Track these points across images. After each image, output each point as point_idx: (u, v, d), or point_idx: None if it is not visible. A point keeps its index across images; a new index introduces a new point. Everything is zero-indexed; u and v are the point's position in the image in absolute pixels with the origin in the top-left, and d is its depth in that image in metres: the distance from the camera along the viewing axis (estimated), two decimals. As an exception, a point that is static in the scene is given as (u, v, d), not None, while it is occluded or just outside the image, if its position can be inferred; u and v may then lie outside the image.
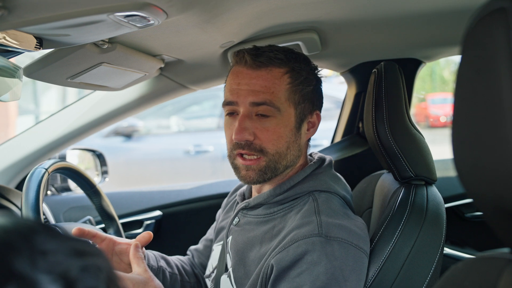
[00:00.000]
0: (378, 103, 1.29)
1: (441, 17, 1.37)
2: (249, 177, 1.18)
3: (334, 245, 1.05)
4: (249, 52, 1.17)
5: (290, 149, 1.18)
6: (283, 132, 1.17)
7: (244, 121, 1.15)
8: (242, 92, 1.16)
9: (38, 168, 1.35)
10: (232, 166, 1.22)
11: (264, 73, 1.16)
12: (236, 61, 1.20)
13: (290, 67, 1.18)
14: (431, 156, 1.32)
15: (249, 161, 1.17)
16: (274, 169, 1.18)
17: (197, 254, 1.52)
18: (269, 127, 1.15)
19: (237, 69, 1.19)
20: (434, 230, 1.18)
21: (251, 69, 1.17)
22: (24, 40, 0.97)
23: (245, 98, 1.15)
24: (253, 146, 1.16)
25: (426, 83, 16.18)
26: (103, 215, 1.61)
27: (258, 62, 1.16)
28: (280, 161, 1.18)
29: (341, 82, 2.16)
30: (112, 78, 1.45)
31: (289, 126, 1.18)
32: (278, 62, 1.16)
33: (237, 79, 1.18)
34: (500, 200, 0.51)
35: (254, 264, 1.15)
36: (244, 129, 1.14)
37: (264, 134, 1.15)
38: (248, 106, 1.15)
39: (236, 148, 1.17)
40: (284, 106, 1.16)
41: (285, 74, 1.17)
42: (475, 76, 0.51)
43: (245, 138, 1.14)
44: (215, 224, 1.50)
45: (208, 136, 5.80)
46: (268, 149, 1.16)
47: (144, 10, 0.89)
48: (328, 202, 1.16)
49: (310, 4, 1.21)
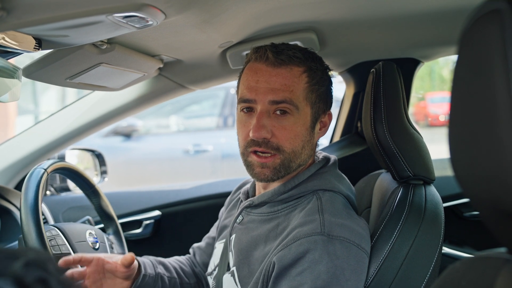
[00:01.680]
0: (376, 102, 1.30)
1: (439, 17, 1.38)
2: (264, 174, 1.17)
3: (336, 244, 1.05)
4: (270, 49, 1.16)
5: (305, 148, 1.19)
6: (299, 131, 1.17)
7: (262, 119, 1.14)
8: (261, 90, 1.15)
9: (37, 169, 1.36)
10: (245, 163, 1.21)
11: (284, 71, 1.15)
12: (256, 58, 1.18)
13: (308, 66, 1.18)
14: (429, 155, 1.32)
15: (264, 158, 1.16)
16: (288, 167, 1.18)
17: (199, 251, 1.52)
18: (286, 126, 1.15)
19: (255, 66, 1.18)
20: (432, 229, 1.18)
21: (271, 66, 1.16)
22: (23, 41, 0.98)
23: (264, 96, 1.14)
24: (270, 144, 1.15)
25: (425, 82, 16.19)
26: (102, 215, 1.62)
27: (279, 60, 1.15)
28: (294, 159, 1.18)
29: (340, 81, 2.16)
30: (111, 78, 1.45)
31: (305, 125, 1.18)
32: (297, 61, 1.16)
33: (256, 76, 1.17)
34: (496, 201, 0.51)
35: (258, 263, 1.15)
36: (262, 127, 1.14)
37: (281, 132, 1.15)
38: (267, 104, 1.14)
39: (252, 146, 1.16)
40: (302, 105, 1.16)
41: (303, 73, 1.17)
42: (471, 77, 0.52)
43: (263, 136, 1.14)
44: (218, 223, 1.50)
45: (207, 135, 5.80)
46: (285, 147, 1.16)
47: (142, 11, 0.89)
48: (332, 201, 1.16)
49: (308, 4, 1.21)
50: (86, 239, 1.44)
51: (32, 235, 1.23)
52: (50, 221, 1.81)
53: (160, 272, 1.37)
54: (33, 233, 1.23)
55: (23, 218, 1.25)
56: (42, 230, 1.25)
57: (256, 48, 1.20)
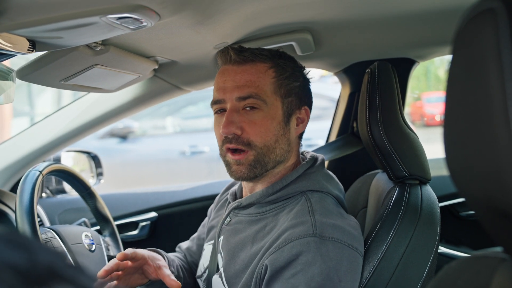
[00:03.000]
0: (372, 103, 1.30)
1: (434, 17, 1.38)
2: (240, 171, 1.18)
3: (329, 245, 1.05)
4: (233, 48, 1.20)
5: (278, 142, 1.19)
6: (270, 125, 1.17)
7: (231, 115, 1.16)
8: (228, 89, 1.17)
9: (32, 171, 1.35)
10: (224, 163, 1.23)
11: (249, 67, 1.18)
12: (222, 60, 1.22)
13: (275, 63, 1.20)
14: (425, 155, 1.32)
15: (238, 155, 1.17)
16: (263, 162, 1.18)
17: (190, 253, 1.51)
18: (256, 120, 1.16)
19: (223, 68, 1.22)
20: (428, 229, 1.18)
21: (236, 64, 1.19)
22: (17, 42, 0.97)
23: (231, 94, 1.17)
24: (241, 139, 1.16)
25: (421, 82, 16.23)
26: (98, 217, 1.61)
27: (242, 57, 1.18)
28: (268, 154, 1.18)
29: (336, 81, 2.16)
30: (106, 80, 1.45)
31: (276, 119, 1.18)
32: (262, 58, 1.19)
33: (223, 77, 1.20)
34: (491, 200, 0.51)
35: (244, 263, 1.15)
36: (231, 123, 1.15)
37: (251, 127, 1.16)
38: (235, 101, 1.17)
39: (225, 143, 1.18)
40: (271, 99, 1.17)
41: (270, 69, 1.19)
42: (466, 76, 0.52)
43: (232, 131, 1.15)
44: (207, 221, 1.50)
45: (203, 136, 5.79)
46: (256, 142, 1.16)
47: (136, 12, 0.89)
48: (321, 202, 1.16)
49: (303, 5, 1.21)
50: (82, 241, 1.43)
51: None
52: (45, 223, 1.80)
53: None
54: (29, 235, 1.23)
55: (19, 220, 1.25)
56: (38, 233, 1.25)
57: (221, 51, 1.23)
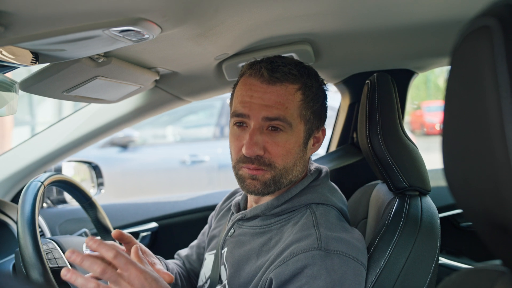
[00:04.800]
0: (371, 114, 1.30)
1: (433, 29, 1.39)
2: (254, 186, 1.17)
3: (334, 258, 1.05)
4: (265, 66, 1.16)
5: (296, 165, 1.18)
6: (292, 148, 1.16)
7: (255, 135, 1.14)
8: (255, 106, 1.14)
9: (34, 181, 1.35)
10: (237, 176, 1.21)
11: (279, 88, 1.14)
12: (250, 74, 1.18)
13: (303, 83, 1.17)
14: (424, 166, 1.33)
15: (255, 171, 1.16)
16: (279, 183, 1.17)
17: (189, 261, 1.51)
18: (279, 142, 1.15)
19: (250, 81, 1.17)
20: (428, 240, 1.18)
21: (266, 83, 1.15)
22: (20, 55, 0.98)
23: (258, 113, 1.14)
24: (263, 160, 1.15)
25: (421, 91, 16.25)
26: (99, 228, 1.61)
27: (274, 78, 1.14)
28: (285, 176, 1.17)
29: (336, 91, 2.17)
30: (108, 91, 1.46)
31: (298, 142, 1.17)
32: (292, 78, 1.15)
33: (250, 92, 1.16)
34: (489, 213, 0.52)
35: (249, 276, 1.15)
36: (255, 144, 1.13)
37: (274, 148, 1.15)
38: (260, 120, 1.14)
39: (245, 162, 1.16)
40: (296, 122, 1.16)
41: (298, 91, 1.16)
42: (462, 90, 0.52)
43: (256, 153, 1.13)
44: (207, 230, 1.49)
45: (204, 146, 5.79)
46: (276, 163, 1.15)
47: (138, 25, 0.90)
48: (326, 215, 1.16)
49: (303, 17, 1.22)
50: (83, 252, 1.43)
51: (29, 248, 1.23)
52: (47, 234, 1.80)
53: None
54: (30, 246, 1.23)
55: (20, 231, 1.25)
56: (39, 244, 1.25)
57: (251, 64, 1.19)
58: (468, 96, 0.51)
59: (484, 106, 0.47)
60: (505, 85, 0.44)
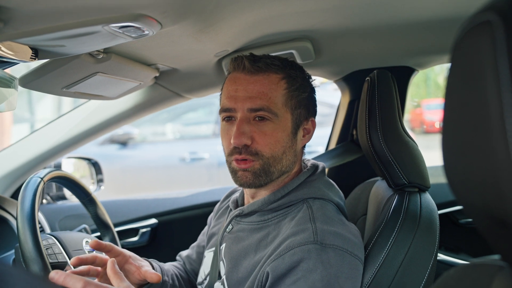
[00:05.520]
0: (371, 111, 1.31)
1: (433, 26, 1.39)
2: (246, 177, 1.18)
3: (330, 252, 1.06)
4: (247, 57, 1.19)
5: (285, 153, 1.19)
6: (280, 137, 1.18)
7: (242, 126, 1.16)
8: (240, 98, 1.17)
9: (33, 177, 1.36)
10: (230, 170, 1.22)
11: (262, 78, 1.17)
12: (234, 67, 1.21)
13: (287, 73, 1.19)
14: (424, 163, 1.33)
15: (244, 164, 1.18)
16: (269, 172, 1.18)
17: (189, 261, 1.51)
18: (266, 131, 1.16)
19: (234, 75, 1.21)
20: (427, 237, 1.19)
21: (249, 74, 1.18)
22: (20, 50, 0.98)
23: (243, 104, 1.16)
24: (250, 149, 1.16)
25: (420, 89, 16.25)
26: (99, 224, 1.61)
27: (256, 67, 1.17)
28: (274, 165, 1.18)
29: (336, 88, 2.17)
30: (107, 87, 1.45)
31: (286, 131, 1.19)
32: (275, 68, 1.18)
33: (235, 85, 1.19)
34: (489, 209, 0.52)
35: (247, 271, 1.15)
36: (242, 133, 1.15)
37: (262, 137, 1.16)
38: (246, 111, 1.16)
39: (234, 154, 1.18)
40: (281, 111, 1.17)
41: (281, 80, 1.18)
42: (463, 87, 0.52)
43: (243, 142, 1.15)
44: (207, 230, 1.50)
45: (203, 143, 5.80)
46: (263, 152, 1.17)
47: (138, 21, 0.90)
48: (322, 209, 1.16)
49: (303, 13, 1.22)
50: (83, 248, 1.44)
51: (29, 244, 1.23)
52: (46, 229, 1.80)
53: (166, 280, 1.36)
54: (30, 242, 1.23)
55: (20, 227, 1.25)
56: (39, 239, 1.25)
57: (234, 58, 1.22)
58: (468, 91, 0.51)
59: (485, 102, 0.47)
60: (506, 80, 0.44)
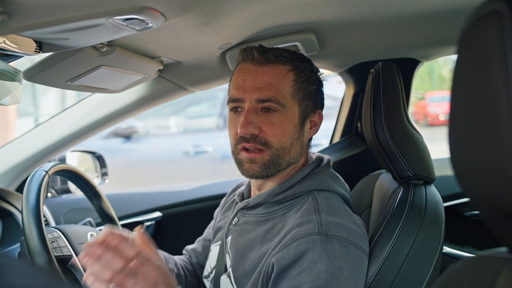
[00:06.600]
0: (376, 103, 1.30)
1: (438, 17, 1.38)
2: (253, 169, 1.18)
3: (334, 243, 1.06)
4: (256, 48, 1.19)
5: (293, 145, 1.19)
6: (287, 128, 1.18)
7: (249, 115, 1.16)
8: (248, 89, 1.17)
9: (38, 171, 1.36)
10: (236, 161, 1.22)
11: (270, 69, 1.18)
12: (243, 58, 1.21)
13: (295, 65, 1.20)
14: (429, 155, 1.32)
15: (253, 153, 1.17)
16: (277, 164, 1.18)
17: (195, 254, 1.52)
18: (274, 122, 1.17)
19: (243, 66, 1.21)
20: (433, 229, 1.18)
21: (258, 65, 1.18)
22: (24, 44, 0.98)
23: (251, 95, 1.16)
24: (258, 139, 1.16)
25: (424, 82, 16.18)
26: (103, 217, 1.62)
27: (265, 58, 1.17)
28: (283, 156, 1.18)
29: (340, 81, 2.16)
30: (111, 80, 1.45)
31: (293, 122, 1.19)
32: (283, 60, 1.18)
33: (243, 76, 1.19)
34: (497, 200, 0.51)
35: (254, 264, 1.16)
36: (249, 123, 1.15)
37: (269, 128, 1.16)
38: (254, 102, 1.16)
39: (241, 142, 1.18)
40: (289, 102, 1.18)
41: (290, 71, 1.19)
42: (471, 77, 0.52)
43: (250, 131, 1.15)
44: (213, 224, 1.50)
45: (207, 136, 5.80)
46: (272, 143, 1.17)
47: (142, 13, 0.90)
48: (327, 201, 1.16)
49: (307, 6, 1.22)
50: (88, 241, 1.44)
51: (34, 237, 1.23)
52: (51, 223, 1.81)
53: (171, 268, 1.37)
54: (35, 235, 1.23)
55: (25, 220, 1.26)
56: (44, 232, 1.25)
57: (243, 49, 1.22)
58: (476, 82, 0.50)
59: (492, 92, 0.47)
60: (514, 70, 0.44)
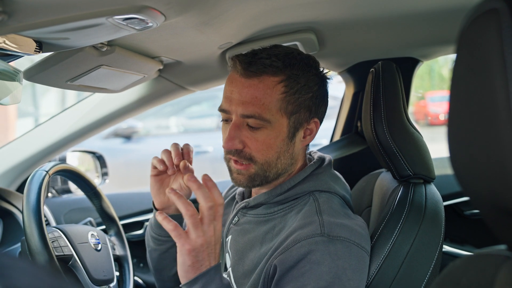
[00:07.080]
0: (376, 102, 1.30)
1: (437, 16, 1.38)
2: (239, 180, 1.18)
3: (337, 244, 1.06)
4: (242, 59, 1.12)
5: (280, 158, 1.16)
6: (273, 143, 1.14)
7: (234, 131, 1.13)
8: (234, 101, 1.13)
9: (39, 171, 1.36)
10: (227, 167, 1.22)
11: (257, 82, 1.11)
12: (231, 66, 1.16)
13: (286, 75, 1.12)
14: (429, 154, 1.33)
15: (240, 165, 1.17)
16: (264, 176, 1.17)
17: None
18: (258, 138, 1.13)
19: (232, 75, 1.16)
20: (433, 228, 1.18)
21: (243, 77, 1.12)
22: (24, 43, 0.98)
23: (236, 108, 1.12)
24: (243, 154, 1.15)
25: (424, 81, 16.18)
26: (104, 217, 1.62)
27: (249, 72, 1.11)
28: (269, 169, 1.16)
29: (339, 81, 2.16)
30: (111, 80, 1.46)
31: (280, 136, 1.14)
32: (272, 71, 1.11)
33: (231, 86, 1.15)
34: (496, 198, 0.51)
35: (253, 264, 1.16)
36: (233, 138, 1.13)
37: (253, 143, 1.14)
38: (239, 116, 1.13)
39: (228, 154, 1.18)
40: (276, 117, 1.12)
41: (279, 84, 1.11)
42: (470, 76, 0.52)
43: (234, 147, 1.14)
44: None
45: (207, 136, 5.80)
46: (257, 158, 1.15)
47: (142, 13, 0.90)
48: (329, 202, 1.16)
49: (307, 5, 1.22)
50: (88, 241, 1.44)
51: (35, 237, 1.23)
52: (52, 223, 1.81)
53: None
54: (36, 235, 1.24)
55: (26, 220, 1.26)
56: (45, 232, 1.26)
57: (231, 58, 1.17)
58: (475, 80, 0.50)
59: (491, 90, 0.47)
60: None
